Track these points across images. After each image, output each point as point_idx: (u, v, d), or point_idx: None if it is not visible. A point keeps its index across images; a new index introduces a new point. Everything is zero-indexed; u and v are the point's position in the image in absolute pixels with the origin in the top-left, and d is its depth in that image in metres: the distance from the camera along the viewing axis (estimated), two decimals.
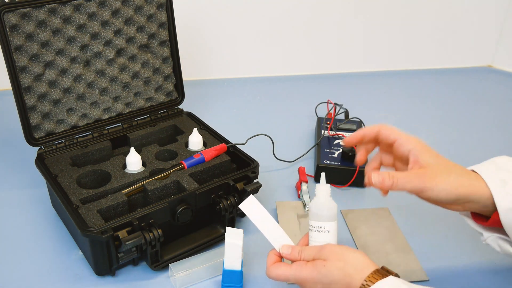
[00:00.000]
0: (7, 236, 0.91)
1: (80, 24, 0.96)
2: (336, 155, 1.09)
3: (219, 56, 1.54)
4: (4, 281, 0.81)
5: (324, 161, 1.07)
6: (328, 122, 1.20)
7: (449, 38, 1.64)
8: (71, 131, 1.00)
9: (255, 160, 0.94)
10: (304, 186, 1.02)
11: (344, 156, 1.07)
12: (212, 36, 1.50)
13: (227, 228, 0.78)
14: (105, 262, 0.80)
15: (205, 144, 1.01)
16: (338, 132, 1.17)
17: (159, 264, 0.83)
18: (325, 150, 1.11)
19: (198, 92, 1.43)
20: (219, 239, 0.89)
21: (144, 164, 0.95)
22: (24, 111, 0.94)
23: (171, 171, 0.91)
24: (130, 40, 1.03)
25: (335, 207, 0.74)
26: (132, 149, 0.94)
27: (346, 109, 1.26)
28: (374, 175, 0.69)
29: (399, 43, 1.62)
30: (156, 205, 0.82)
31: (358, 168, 1.03)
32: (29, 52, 0.92)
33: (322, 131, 1.17)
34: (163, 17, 1.05)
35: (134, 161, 0.93)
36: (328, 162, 1.06)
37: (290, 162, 1.14)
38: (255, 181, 0.90)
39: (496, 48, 1.68)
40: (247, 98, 1.45)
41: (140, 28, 1.04)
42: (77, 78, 0.99)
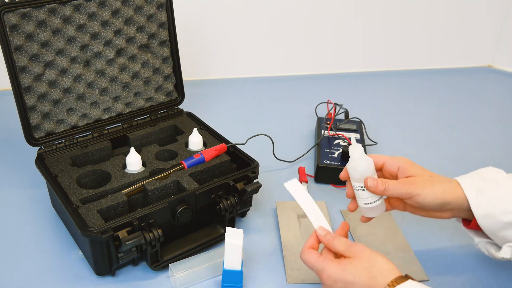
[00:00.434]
0: (7, 236, 0.91)
1: (80, 24, 0.96)
2: (336, 155, 1.09)
3: (219, 56, 1.54)
4: (4, 281, 0.81)
5: (324, 161, 1.07)
6: (328, 122, 1.20)
7: (449, 38, 1.64)
8: (71, 131, 1.00)
9: (255, 160, 0.94)
10: (304, 186, 1.02)
11: (344, 156, 1.07)
12: (212, 36, 1.50)
13: (227, 228, 0.78)
14: (105, 262, 0.80)
15: (205, 144, 1.01)
16: (338, 132, 1.17)
17: (159, 264, 0.83)
18: (325, 150, 1.11)
19: (198, 92, 1.43)
20: (219, 239, 0.89)
21: (144, 164, 0.95)
22: (24, 111, 0.94)
23: (171, 171, 0.91)
24: (130, 40, 1.03)
25: (370, 163, 0.76)
26: (132, 149, 0.94)
27: (346, 109, 1.26)
28: (369, 180, 0.75)
29: (399, 43, 1.62)
30: (156, 205, 0.82)
31: None
32: (29, 52, 0.92)
33: (322, 131, 1.17)
34: (163, 17, 1.05)
35: (134, 161, 0.93)
36: (328, 162, 1.06)
37: (290, 162, 1.14)
38: (255, 181, 0.90)
39: (496, 48, 1.68)
40: (247, 98, 1.45)
41: (140, 28, 1.04)
42: (77, 78, 0.99)
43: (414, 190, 0.74)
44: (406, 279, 0.66)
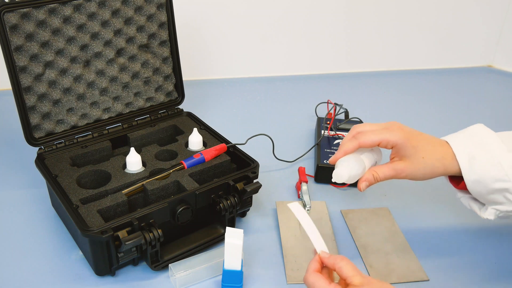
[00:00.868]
0: (7, 236, 0.91)
1: (80, 24, 0.96)
2: None
3: (219, 56, 1.54)
4: (4, 281, 0.81)
5: (324, 161, 1.07)
6: (328, 122, 1.20)
7: (449, 38, 1.64)
8: (71, 131, 1.00)
9: (255, 160, 0.94)
10: (304, 186, 1.02)
11: None
12: (212, 36, 1.50)
13: (227, 228, 0.78)
14: (105, 262, 0.80)
15: (205, 144, 1.01)
16: (338, 132, 1.17)
17: (159, 264, 0.83)
18: (325, 150, 1.11)
19: (198, 92, 1.43)
20: (219, 239, 0.89)
21: (144, 164, 0.95)
22: (24, 111, 0.94)
23: (171, 171, 0.91)
24: (130, 40, 1.03)
25: (356, 171, 0.79)
26: (132, 149, 0.94)
27: (346, 109, 1.26)
28: (362, 184, 0.79)
29: (399, 43, 1.62)
30: (156, 205, 0.82)
31: None
32: (29, 52, 0.92)
33: (322, 131, 1.17)
34: (163, 17, 1.05)
35: (134, 161, 0.93)
36: (328, 162, 1.06)
37: (290, 162, 1.14)
38: (255, 181, 0.90)
39: (496, 48, 1.68)
40: (247, 98, 1.45)
41: (140, 28, 1.04)
42: (77, 78, 0.99)
43: (407, 175, 0.79)
44: None
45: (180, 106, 1.14)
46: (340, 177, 0.77)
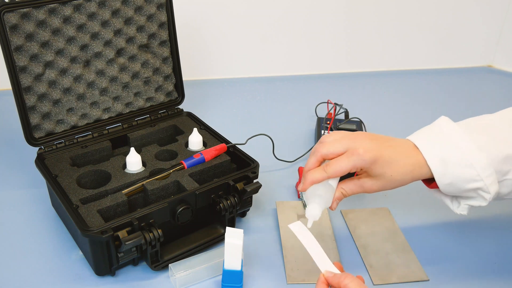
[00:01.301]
0: (7, 236, 0.91)
1: (80, 24, 0.96)
2: None
3: (219, 56, 1.54)
4: (4, 281, 0.81)
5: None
6: (328, 122, 1.20)
7: (449, 38, 1.64)
8: (71, 131, 1.00)
9: (255, 160, 0.94)
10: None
11: None
12: (212, 36, 1.50)
13: (227, 228, 0.78)
14: (105, 262, 0.80)
15: (205, 144, 1.01)
16: None
17: (159, 264, 0.83)
18: None
19: (198, 92, 1.43)
20: (219, 239, 0.89)
21: (144, 164, 0.95)
22: (24, 111, 0.94)
23: (171, 171, 0.91)
24: (130, 40, 1.03)
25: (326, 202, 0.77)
26: (132, 149, 0.94)
27: (346, 109, 1.26)
28: (333, 205, 0.78)
29: (399, 43, 1.62)
30: (156, 205, 0.82)
31: None
32: (29, 52, 0.92)
33: (322, 131, 1.17)
34: (163, 17, 1.05)
35: (134, 161, 0.93)
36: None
37: (290, 162, 1.14)
38: (255, 181, 0.90)
39: (496, 48, 1.68)
40: (247, 98, 1.45)
41: (140, 28, 1.04)
42: (77, 78, 0.99)
43: (375, 191, 0.78)
44: None
45: (180, 106, 1.14)
46: (315, 217, 0.75)
